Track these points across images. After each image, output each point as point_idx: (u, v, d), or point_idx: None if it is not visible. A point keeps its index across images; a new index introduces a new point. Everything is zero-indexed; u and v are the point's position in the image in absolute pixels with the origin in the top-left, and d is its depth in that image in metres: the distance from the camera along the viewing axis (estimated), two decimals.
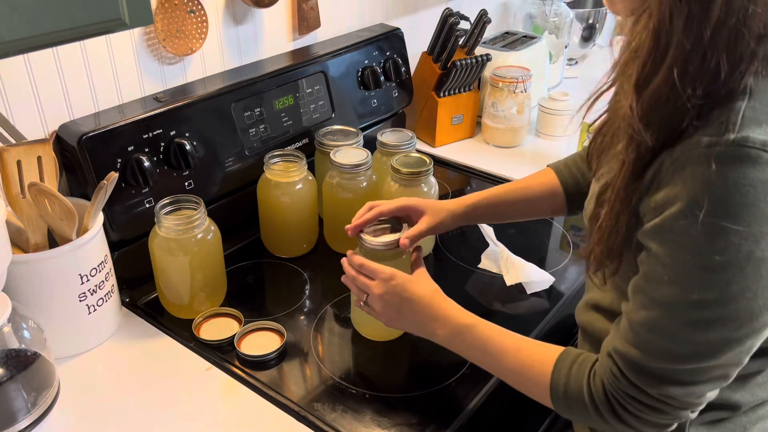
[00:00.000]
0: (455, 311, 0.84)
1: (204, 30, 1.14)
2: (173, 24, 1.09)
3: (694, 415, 0.70)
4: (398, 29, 1.47)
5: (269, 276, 1.18)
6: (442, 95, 1.55)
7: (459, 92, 1.57)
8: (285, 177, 1.13)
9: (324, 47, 1.36)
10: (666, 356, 0.65)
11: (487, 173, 1.49)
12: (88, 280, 0.92)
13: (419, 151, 1.22)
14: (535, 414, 0.90)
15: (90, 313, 0.94)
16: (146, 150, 1.03)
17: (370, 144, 1.24)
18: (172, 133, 1.06)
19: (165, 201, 0.99)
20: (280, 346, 0.97)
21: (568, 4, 1.94)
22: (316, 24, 1.36)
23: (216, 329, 1.01)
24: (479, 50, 1.58)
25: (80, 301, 0.92)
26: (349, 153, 1.16)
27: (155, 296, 1.07)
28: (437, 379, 0.93)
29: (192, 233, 0.97)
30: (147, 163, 1.02)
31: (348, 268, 0.91)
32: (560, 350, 0.76)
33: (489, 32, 1.68)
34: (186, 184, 1.09)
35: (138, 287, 1.08)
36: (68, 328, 0.94)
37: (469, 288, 1.14)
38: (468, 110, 1.61)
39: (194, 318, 1.02)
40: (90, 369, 0.94)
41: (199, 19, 1.12)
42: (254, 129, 1.19)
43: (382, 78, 1.42)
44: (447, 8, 1.50)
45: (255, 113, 1.19)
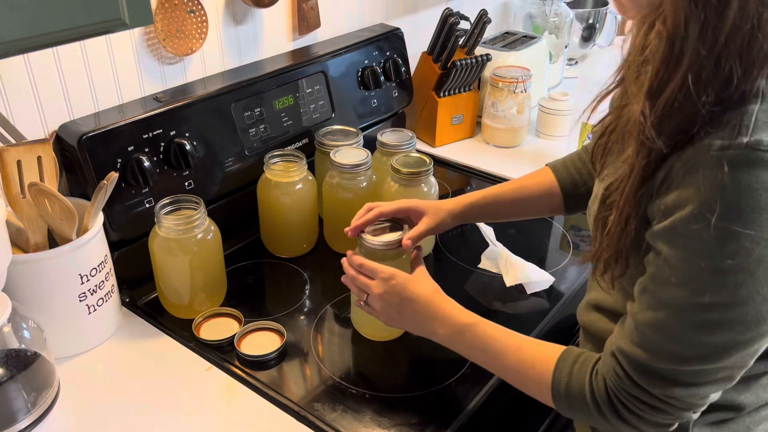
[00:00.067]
0: (455, 310, 0.84)
1: (204, 30, 1.14)
2: (173, 24, 1.09)
3: (696, 416, 0.70)
4: (398, 29, 1.47)
5: (269, 276, 1.18)
6: (442, 95, 1.55)
7: (459, 92, 1.57)
8: (285, 177, 1.13)
9: (324, 47, 1.36)
10: (671, 357, 0.65)
11: (487, 173, 1.49)
12: (88, 280, 0.92)
13: (419, 151, 1.22)
14: (536, 414, 0.90)
15: (90, 313, 0.94)
16: (146, 150, 1.03)
17: (370, 144, 1.24)
18: (172, 133, 1.06)
19: (165, 201, 0.99)
20: (280, 346, 0.97)
21: (568, 4, 1.94)
22: (316, 24, 1.36)
23: (216, 329, 1.01)
24: (479, 50, 1.58)
25: (80, 301, 0.92)
26: (349, 153, 1.16)
27: (155, 296, 1.07)
28: (437, 379, 0.93)
29: (192, 233, 0.97)
30: (147, 163, 1.02)
31: (348, 268, 0.91)
32: (562, 349, 0.76)
33: (489, 32, 1.68)
34: (186, 184, 1.09)
35: (138, 287, 1.08)
36: (68, 328, 0.94)
37: (469, 288, 1.14)
38: (468, 110, 1.61)
39: (194, 318, 1.02)
40: (90, 369, 0.94)
41: (199, 19, 1.12)
42: (254, 129, 1.19)
43: (382, 78, 1.42)
44: (447, 8, 1.50)
45: (255, 113, 1.19)
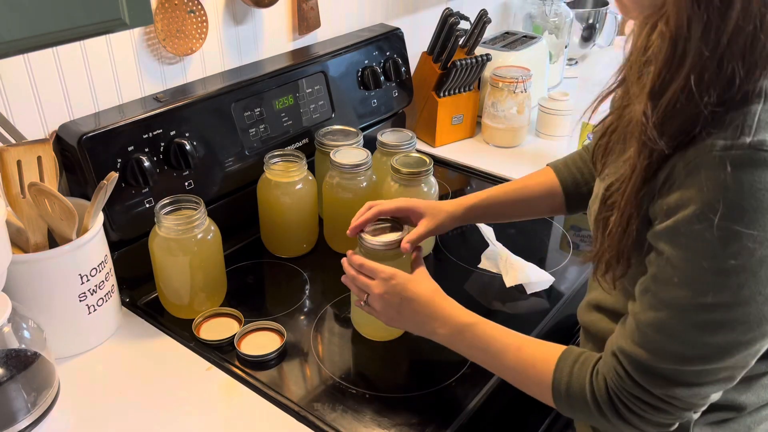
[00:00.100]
0: (456, 310, 0.84)
1: (204, 30, 1.14)
2: (173, 24, 1.09)
3: (697, 416, 0.70)
4: (398, 29, 1.47)
5: (269, 276, 1.18)
6: (442, 95, 1.55)
7: (459, 92, 1.57)
8: (285, 177, 1.13)
9: (324, 47, 1.36)
10: (673, 357, 0.65)
11: (487, 173, 1.49)
12: (88, 280, 0.92)
13: (419, 151, 1.22)
14: (536, 413, 0.90)
15: (90, 313, 0.94)
16: (146, 150, 1.03)
17: (370, 144, 1.24)
18: (172, 133, 1.06)
19: (165, 201, 0.99)
20: (280, 346, 0.97)
21: (568, 4, 1.94)
22: (316, 24, 1.36)
23: (216, 329, 1.01)
24: (479, 50, 1.58)
25: (80, 301, 0.92)
26: (349, 153, 1.16)
27: (155, 296, 1.07)
28: (437, 379, 0.93)
29: (192, 233, 0.97)
30: (147, 163, 1.02)
31: (348, 268, 0.91)
32: (562, 349, 0.76)
33: (489, 32, 1.68)
34: (186, 184, 1.09)
35: (138, 287, 1.08)
36: (68, 328, 0.94)
37: (469, 288, 1.14)
38: (468, 110, 1.61)
39: (194, 318, 1.02)
40: (90, 369, 0.94)
41: (199, 19, 1.12)
42: (254, 129, 1.19)
43: (382, 78, 1.42)
44: (447, 8, 1.50)
45: (255, 113, 1.19)
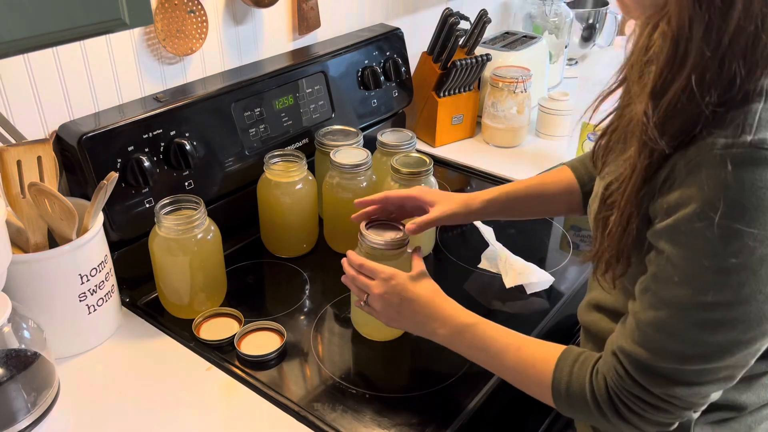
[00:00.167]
0: (455, 310, 0.84)
1: (204, 30, 1.14)
2: (173, 24, 1.09)
3: (697, 415, 0.70)
4: (398, 29, 1.47)
5: (269, 276, 1.18)
6: (442, 95, 1.55)
7: (459, 92, 1.57)
8: (285, 177, 1.13)
9: (324, 47, 1.36)
10: (673, 356, 0.65)
11: (487, 173, 1.49)
12: (88, 280, 0.92)
13: (419, 151, 1.22)
14: (536, 414, 0.90)
15: (90, 313, 0.94)
16: (146, 150, 1.03)
17: (370, 144, 1.24)
18: (172, 133, 1.06)
19: (165, 201, 0.99)
20: (280, 346, 0.97)
21: (568, 4, 1.94)
22: (316, 24, 1.36)
23: (216, 329, 1.01)
24: (479, 50, 1.58)
25: (80, 301, 0.92)
26: (349, 153, 1.16)
27: (155, 296, 1.07)
28: (437, 379, 0.93)
29: (192, 233, 0.97)
30: (147, 163, 1.02)
31: (348, 268, 0.91)
32: (562, 349, 0.76)
33: (489, 32, 1.68)
34: (186, 184, 1.09)
35: (138, 287, 1.08)
36: (68, 328, 0.94)
37: (469, 288, 1.14)
38: (468, 110, 1.61)
39: (194, 318, 1.02)
40: (90, 369, 0.94)
41: (199, 19, 1.12)
42: (254, 129, 1.19)
43: (382, 78, 1.42)
44: (447, 8, 1.50)
45: (255, 113, 1.19)
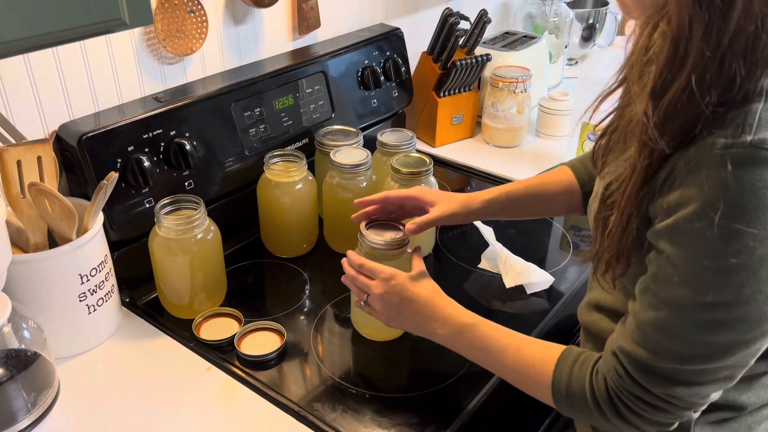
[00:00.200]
0: (455, 311, 0.84)
1: (204, 30, 1.14)
2: (173, 24, 1.09)
3: (697, 415, 0.70)
4: (398, 29, 1.47)
5: (269, 276, 1.18)
6: (442, 95, 1.55)
7: (459, 92, 1.57)
8: (285, 177, 1.13)
9: (324, 47, 1.36)
10: (673, 357, 0.65)
11: (487, 173, 1.48)
12: (88, 280, 0.92)
13: (419, 151, 1.22)
14: (536, 414, 0.90)
15: (90, 313, 0.94)
16: (146, 150, 1.03)
17: (370, 144, 1.24)
18: (172, 133, 1.06)
19: (165, 201, 0.99)
20: (280, 346, 0.97)
21: (568, 4, 1.94)
22: (316, 24, 1.36)
23: (216, 329, 1.01)
24: (479, 50, 1.58)
25: (80, 301, 0.92)
26: (349, 153, 1.16)
27: (155, 296, 1.07)
28: (437, 379, 0.93)
29: (192, 233, 0.97)
30: (147, 163, 1.02)
31: (348, 268, 0.91)
32: (562, 349, 0.76)
33: (489, 32, 1.68)
34: (186, 184, 1.09)
35: (138, 287, 1.08)
36: (68, 328, 0.94)
37: (469, 288, 1.14)
38: (468, 110, 1.61)
39: (194, 318, 1.02)
40: (90, 369, 0.94)
41: (199, 19, 1.12)
42: (254, 129, 1.19)
43: (382, 78, 1.42)
44: (447, 8, 1.50)
45: (255, 113, 1.19)
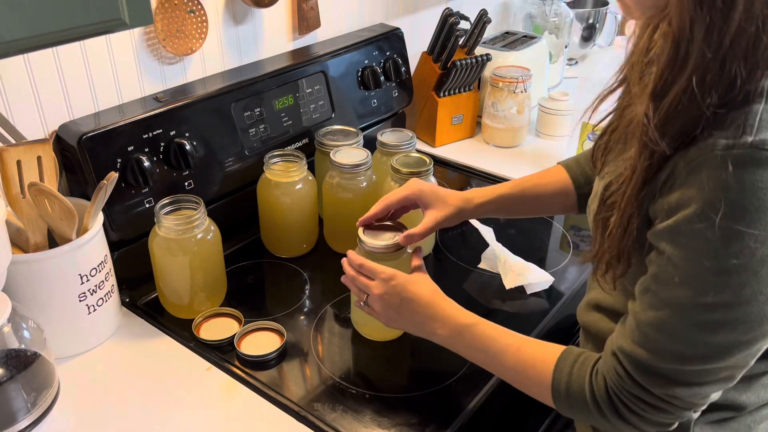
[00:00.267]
0: (455, 311, 0.84)
1: (204, 30, 1.14)
2: (173, 24, 1.09)
3: (697, 415, 0.70)
4: (398, 29, 1.47)
5: (269, 276, 1.18)
6: (442, 95, 1.55)
7: (459, 92, 1.57)
8: (285, 177, 1.13)
9: (324, 47, 1.36)
10: (673, 357, 0.65)
11: (487, 173, 1.49)
12: (88, 280, 0.92)
13: (419, 151, 1.22)
14: (536, 414, 0.90)
15: (90, 313, 0.94)
16: (146, 150, 1.03)
17: (370, 144, 1.24)
18: (172, 133, 1.06)
19: (165, 201, 0.99)
20: (280, 346, 0.97)
21: (568, 4, 1.94)
22: (316, 24, 1.36)
23: (216, 329, 1.01)
24: (479, 50, 1.58)
25: (80, 301, 0.92)
26: (349, 153, 1.16)
27: (155, 296, 1.07)
28: (437, 379, 0.93)
29: (192, 233, 0.97)
30: (147, 163, 1.02)
31: (348, 268, 0.91)
32: (561, 349, 0.76)
33: (489, 32, 1.68)
34: (186, 184, 1.09)
35: (138, 287, 1.08)
36: (68, 328, 0.94)
37: (469, 288, 1.14)
38: (468, 110, 1.61)
39: (194, 318, 1.02)
40: (90, 369, 0.94)
41: (199, 19, 1.12)
42: (254, 129, 1.19)
43: (382, 78, 1.42)
44: (447, 8, 1.50)
45: (255, 113, 1.19)
